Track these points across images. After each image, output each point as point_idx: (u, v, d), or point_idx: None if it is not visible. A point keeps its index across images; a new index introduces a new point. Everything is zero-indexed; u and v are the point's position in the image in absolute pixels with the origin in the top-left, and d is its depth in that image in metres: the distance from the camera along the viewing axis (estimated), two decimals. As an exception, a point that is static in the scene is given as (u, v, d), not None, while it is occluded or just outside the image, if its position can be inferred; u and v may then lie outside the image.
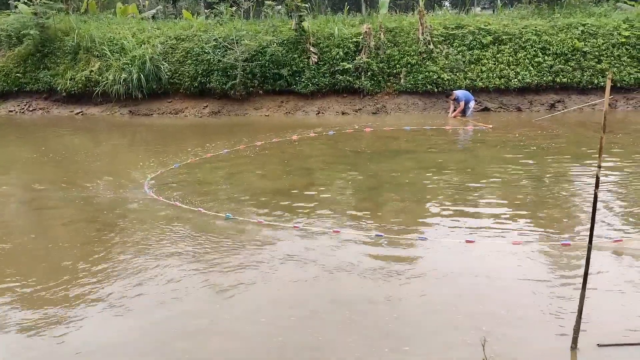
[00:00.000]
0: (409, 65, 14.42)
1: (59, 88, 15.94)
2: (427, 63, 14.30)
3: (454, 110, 13.02)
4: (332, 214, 6.00)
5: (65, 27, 16.73)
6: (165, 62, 15.22)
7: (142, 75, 14.90)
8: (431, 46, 14.39)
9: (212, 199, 6.78)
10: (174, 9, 24.81)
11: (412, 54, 14.46)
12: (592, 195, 3.10)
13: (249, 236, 5.41)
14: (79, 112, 15.83)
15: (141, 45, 15.52)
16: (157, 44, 15.49)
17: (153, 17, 19.88)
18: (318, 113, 14.37)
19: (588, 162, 8.01)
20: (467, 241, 4.99)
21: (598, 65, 13.83)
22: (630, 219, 5.53)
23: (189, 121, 14.42)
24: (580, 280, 3.21)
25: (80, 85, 15.67)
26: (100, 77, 15.43)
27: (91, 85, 15.58)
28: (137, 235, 5.51)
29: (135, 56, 15.15)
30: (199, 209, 6.24)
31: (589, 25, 14.22)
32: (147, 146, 11.16)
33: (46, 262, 4.96)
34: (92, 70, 15.63)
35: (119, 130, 13.65)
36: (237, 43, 14.50)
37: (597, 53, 13.92)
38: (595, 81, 13.79)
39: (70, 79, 15.79)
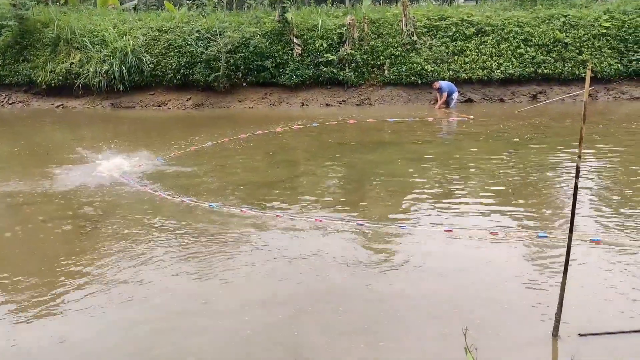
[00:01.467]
0: (392, 57, 14.43)
1: (38, 80, 15.70)
2: (411, 54, 14.32)
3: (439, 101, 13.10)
4: (316, 205, 6.01)
5: (45, 18, 16.43)
6: (147, 54, 15.04)
7: (123, 68, 14.72)
8: (415, 37, 14.40)
9: (197, 191, 6.74)
10: (156, 0, 24.48)
11: (396, 45, 14.47)
12: (573, 185, 3.14)
13: (234, 228, 5.38)
14: (60, 105, 15.60)
15: (122, 37, 15.31)
16: (138, 35, 15.30)
17: (134, 8, 19.60)
18: (302, 105, 14.34)
19: (569, 152, 8.10)
20: (446, 230, 5.04)
21: (579, 57, 13.96)
22: (611, 208, 5.61)
23: (172, 114, 14.28)
24: (562, 269, 3.26)
25: (60, 77, 15.44)
26: (81, 70, 15.21)
27: (72, 77, 15.36)
28: (121, 228, 5.46)
29: (117, 48, 14.95)
30: (184, 199, 6.20)
31: (570, 16, 14.34)
32: (130, 139, 11.04)
33: (27, 256, 4.90)
34: (72, 63, 15.40)
35: (101, 123, 13.48)
36: (220, 35, 14.37)
37: (578, 44, 14.05)
38: (577, 72, 13.92)
39: (51, 72, 15.55)
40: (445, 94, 12.94)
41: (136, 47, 14.93)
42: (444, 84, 13.16)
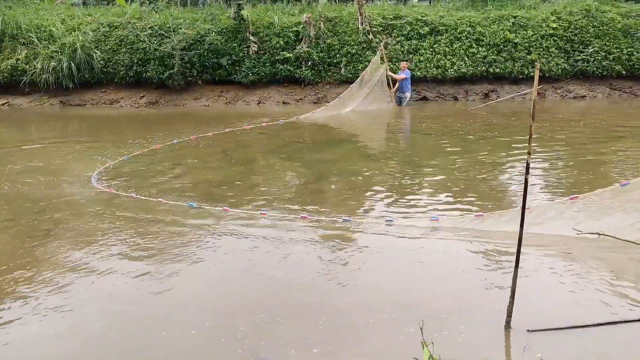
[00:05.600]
0: (349, 55, 14.53)
1: (-19, 77, 15.03)
2: (367, 53, 14.44)
3: (394, 85, 13.39)
4: (292, 202, 5.94)
5: (-11, 13, 15.75)
6: (97, 50, 14.63)
7: (72, 64, 14.27)
8: (370, 36, 14.54)
9: (169, 189, 6.53)
10: (107, -5, 23.79)
11: (352, 43, 14.57)
12: (523, 180, 3.23)
13: (213, 228, 5.17)
14: (5, 103, 14.97)
15: (71, 33, 14.83)
16: (88, 31, 14.86)
17: (84, 2, 19.02)
18: (259, 103, 14.25)
19: (519, 148, 8.35)
20: (430, 223, 5.10)
21: (528, 56, 14.43)
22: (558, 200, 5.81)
23: (125, 112, 13.93)
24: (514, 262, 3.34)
25: (5, 74, 14.86)
26: (27, 66, 14.67)
27: (18, 74, 14.81)
28: (83, 231, 5.20)
29: (65, 44, 14.48)
30: (159, 199, 6.01)
31: (519, 17, 14.81)
32: (85, 138, 10.67)
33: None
34: (18, 59, 14.82)
35: (51, 121, 13.01)
36: (174, 31, 14.11)
37: (527, 44, 14.51)
38: (526, 71, 14.38)
39: (-5, 68, 14.93)
40: (404, 75, 13.23)
41: (86, 43, 14.50)
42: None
